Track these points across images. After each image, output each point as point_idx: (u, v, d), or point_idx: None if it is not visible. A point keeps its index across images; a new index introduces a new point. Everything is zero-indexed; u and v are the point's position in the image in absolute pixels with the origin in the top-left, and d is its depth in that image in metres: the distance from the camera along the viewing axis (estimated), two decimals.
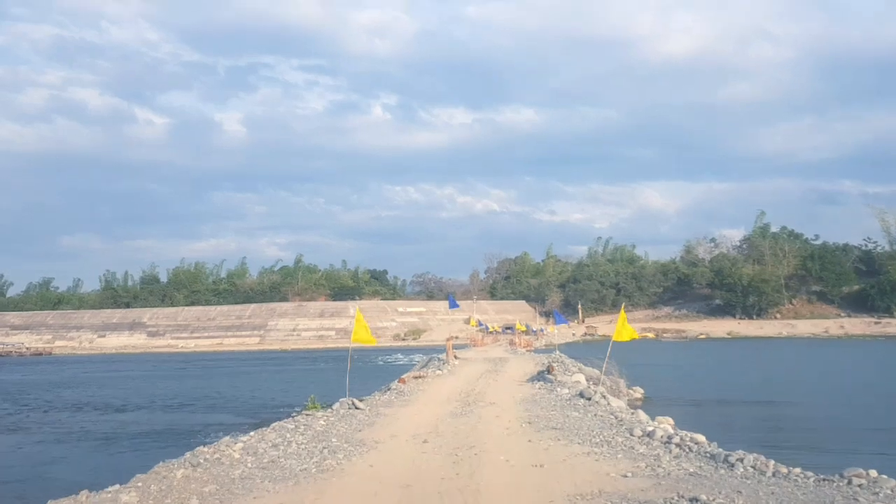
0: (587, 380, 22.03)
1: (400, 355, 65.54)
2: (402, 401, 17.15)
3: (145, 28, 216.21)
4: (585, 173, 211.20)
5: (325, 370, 51.93)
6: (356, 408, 15.38)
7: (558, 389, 17.83)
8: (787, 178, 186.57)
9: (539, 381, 20.44)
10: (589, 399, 15.71)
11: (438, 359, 29.86)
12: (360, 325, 18.61)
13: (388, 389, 20.12)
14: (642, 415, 14.75)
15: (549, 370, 21.38)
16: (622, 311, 19.80)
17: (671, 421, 15.76)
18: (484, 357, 32.91)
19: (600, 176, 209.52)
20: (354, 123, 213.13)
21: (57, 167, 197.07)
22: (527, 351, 47.32)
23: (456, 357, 28.85)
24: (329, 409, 15.71)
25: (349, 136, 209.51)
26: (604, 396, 15.76)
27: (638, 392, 25.40)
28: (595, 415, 14.07)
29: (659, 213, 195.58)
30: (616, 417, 13.75)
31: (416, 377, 22.34)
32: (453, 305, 35.66)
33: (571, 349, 78.78)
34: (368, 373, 41.04)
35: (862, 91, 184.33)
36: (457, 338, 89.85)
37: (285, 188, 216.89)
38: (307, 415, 14.37)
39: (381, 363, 56.73)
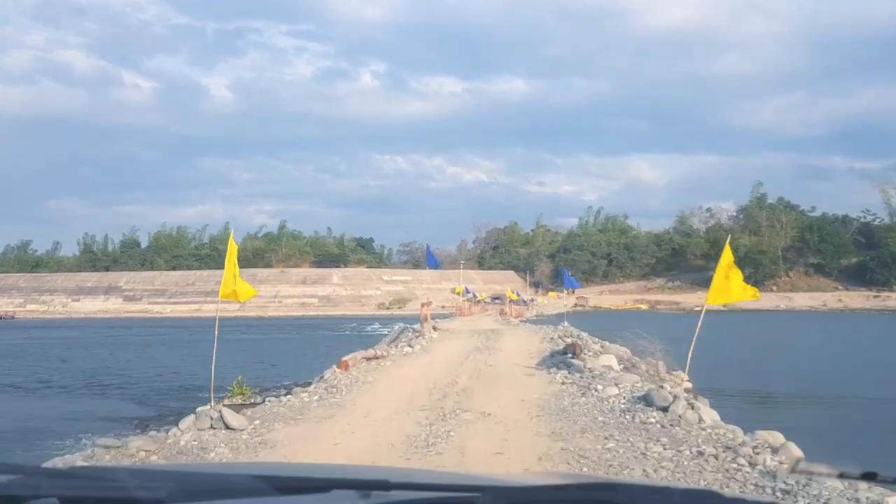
0: (619, 363, 14.52)
1: (378, 325, 58.04)
2: (326, 405, 9.57)
3: None
4: (576, 145, 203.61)
5: (293, 340, 44.37)
6: (228, 427, 7.78)
7: (597, 386, 10.28)
8: (778, 153, 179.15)
9: (557, 367, 12.91)
10: (665, 410, 8.18)
11: (413, 329, 22.39)
12: (231, 271, 11.10)
13: (321, 379, 12.56)
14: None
15: (575, 351, 13.80)
16: (727, 252, 11.89)
17: (797, 451, 8.11)
18: (472, 328, 25.42)
19: (590, 148, 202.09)
20: (343, 91, 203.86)
21: (42, 130, 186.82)
22: (520, 322, 39.93)
23: (435, 328, 21.27)
24: (193, 420, 8.14)
25: (338, 103, 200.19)
26: (690, 406, 8.22)
27: (681, 378, 17.90)
28: (696, 451, 6.58)
29: (648, 186, 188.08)
30: (735, 459, 6.30)
31: (369, 358, 14.74)
32: (433, 264, 27.11)
33: (560, 320, 71.76)
34: (336, 344, 33.39)
35: (853, 66, 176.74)
36: (443, 307, 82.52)
37: (273, 155, 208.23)
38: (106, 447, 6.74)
39: (350, 333, 49.29)
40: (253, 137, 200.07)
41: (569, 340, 16.88)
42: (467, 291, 52.75)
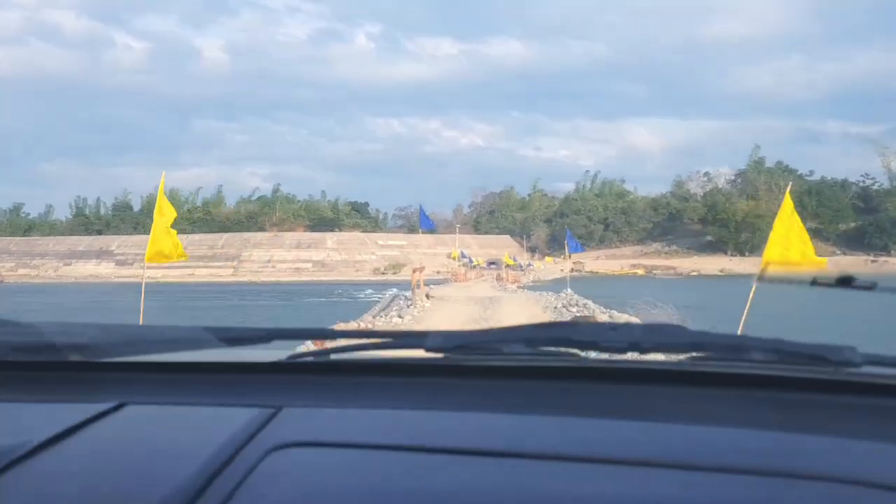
0: None
1: (371, 290, 56.37)
2: None
3: None
4: (572, 109, 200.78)
5: (275, 308, 42.55)
6: None
7: None
8: (774, 118, 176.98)
9: None
10: None
11: (405, 297, 20.69)
12: (160, 229, 9.34)
13: None
14: None
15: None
16: (787, 201, 9.44)
17: None
18: (467, 295, 23.71)
19: (587, 112, 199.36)
20: (338, 52, 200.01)
21: (33, 92, 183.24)
22: (518, 288, 38.31)
23: (428, 296, 19.58)
24: None
25: (332, 65, 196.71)
26: None
27: None
28: None
29: (645, 151, 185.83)
30: None
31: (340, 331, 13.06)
32: (427, 226, 25.19)
33: (558, 285, 70.27)
34: (323, 312, 31.58)
35: (849, 30, 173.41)
36: (438, 272, 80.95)
37: (267, 118, 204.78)
38: None
39: (339, 300, 47.56)
40: (247, 100, 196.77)
41: (574, 310, 15.21)
42: (463, 256, 51.02)
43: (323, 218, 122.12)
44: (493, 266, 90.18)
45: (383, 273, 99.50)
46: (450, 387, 0.98)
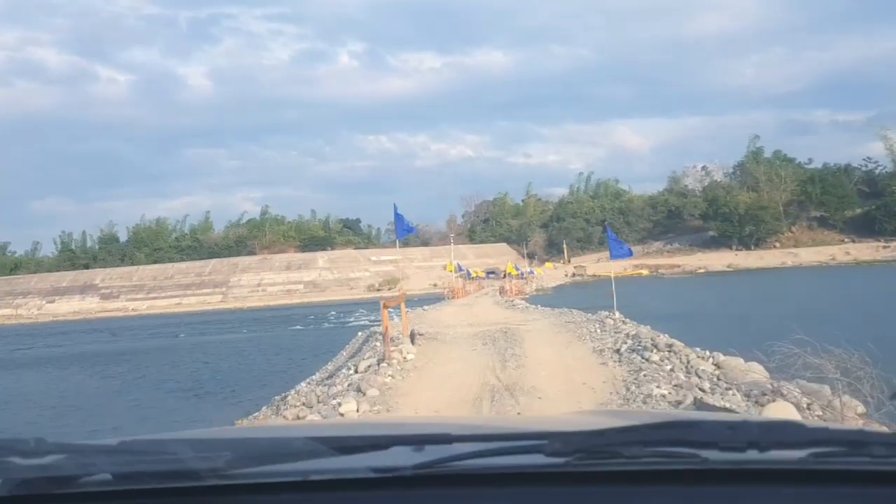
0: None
1: (363, 311, 49.49)
2: None
3: None
4: (559, 114, 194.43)
5: (211, 356, 35.46)
6: None
7: None
8: (761, 110, 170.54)
9: None
10: None
11: (378, 339, 13.86)
12: None
13: None
14: None
15: None
16: None
17: None
18: (471, 322, 17.03)
19: (574, 116, 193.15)
20: (322, 72, 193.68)
21: (20, 131, 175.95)
22: (526, 303, 31.59)
23: (414, 338, 12.72)
24: None
25: (317, 85, 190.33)
26: None
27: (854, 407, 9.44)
28: None
29: (634, 151, 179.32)
30: None
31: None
32: (405, 231, 17.00)
33: (564, 293, 63.55)
34: (271, 361, 23.43)
35: (831, 18, 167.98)
36: (435, 285, 73.83)
37: (256, 142, 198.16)
38: None
39: (317, 327, 40.43)
40: (234, 125, 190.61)
41: (655, 359, 8.36)
42: (459, 268, 44.18)
43: (314, 237, 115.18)
44: (492, 276, 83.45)
45: (378, 290, 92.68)
46: (575, 495, 0.94)
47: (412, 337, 13.04)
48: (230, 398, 14.51)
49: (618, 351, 9.45)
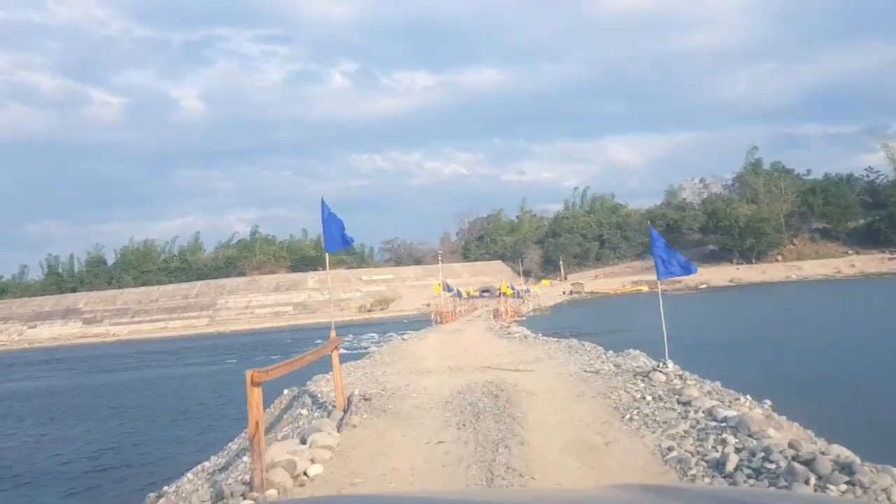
0: None
1: (351, 334, 44.37)
2: None
3: (92, 5, 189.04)
4: (552, 131, 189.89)
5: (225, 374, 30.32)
6: None
7: None
8: (753, 124, 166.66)
9: None
10: None
11: (309, 401, 9.02)
12: None
13: None
14: None
15: None
16: None
17: None
18: (452, 366, 12.41)
19: (567, 133, 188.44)
20: (315, 93, 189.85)
21: (12, 154, 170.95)
22: (518, 326, 26.72)
23: (362, 398, 7.92)
24: None
25: (311, 106, 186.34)
26: None
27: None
28: None
29: (628, 166, 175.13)
30: None
31: None
32: (336, 245, 10.22)
33: (563, 313, 58.34)
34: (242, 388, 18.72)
35: (818, 33, 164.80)
36: (428, 304, 68.62)
37: (249, 162, 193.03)
38: None
39: (282, 357, 35.34)
40: (228, 146, 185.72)
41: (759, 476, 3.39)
42: (448, 289, 39.20)
43: (305, 257, 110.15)
44: (486, 294, 78.46)
45: (369, 310, 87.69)
46: None
47: (348, 405, 8.14)
48: (81, 489, 9.72)
49: (720, 465, 4.55)
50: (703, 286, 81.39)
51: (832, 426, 7.33)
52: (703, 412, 6.07)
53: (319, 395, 9.41)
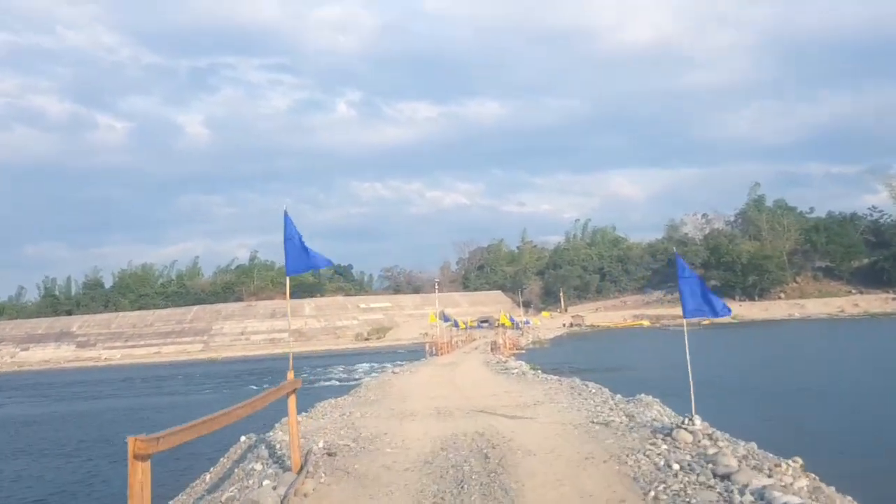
0: None
1: (343, 366, 42.74)
2: None
3: (102, 31, 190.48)
4: (553, 164, 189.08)
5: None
6: None
7: None
8: (754, 162, 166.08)
9: None
10: None
11: (264, 454, 7.57)
12: None
13: None
14: None
15: None
16: None
17: None
18: (440, 407, 11.19)
19: (568, 166, 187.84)
20: (319, 121, 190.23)
21: (19, 176, 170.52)
22: (516, 361, 25.15)
23: (325, 453, 6.46)
24: None
25: (314, 134, 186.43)
26: None
27: None
28: None
29: (627, 201, 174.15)
30: None
31: None
32: (303, 268, 8.75)
33: (564, 347, 56.60)
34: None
35: (821, 73, 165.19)
36: (426, 333, 67.21)
37: (252, 189, 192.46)
38: None
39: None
40: (231, 172, 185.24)
41: None
42: (445, 319, 37.68)
43: (303, 283, 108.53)
44: (484, 325, 76.84)
45: (366, 339, 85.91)
46: None
47: (305, 463, 6.65)
48: None
49: None
50: (706, 322, 79.74)
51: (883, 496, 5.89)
52: (752, 494, 4.62)
53: (278, 446, 7.92)
